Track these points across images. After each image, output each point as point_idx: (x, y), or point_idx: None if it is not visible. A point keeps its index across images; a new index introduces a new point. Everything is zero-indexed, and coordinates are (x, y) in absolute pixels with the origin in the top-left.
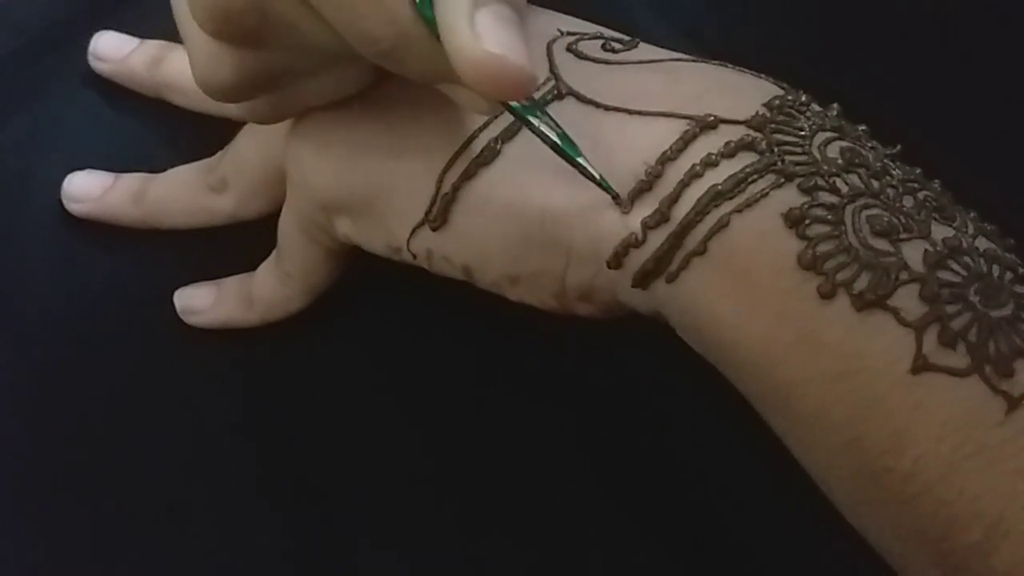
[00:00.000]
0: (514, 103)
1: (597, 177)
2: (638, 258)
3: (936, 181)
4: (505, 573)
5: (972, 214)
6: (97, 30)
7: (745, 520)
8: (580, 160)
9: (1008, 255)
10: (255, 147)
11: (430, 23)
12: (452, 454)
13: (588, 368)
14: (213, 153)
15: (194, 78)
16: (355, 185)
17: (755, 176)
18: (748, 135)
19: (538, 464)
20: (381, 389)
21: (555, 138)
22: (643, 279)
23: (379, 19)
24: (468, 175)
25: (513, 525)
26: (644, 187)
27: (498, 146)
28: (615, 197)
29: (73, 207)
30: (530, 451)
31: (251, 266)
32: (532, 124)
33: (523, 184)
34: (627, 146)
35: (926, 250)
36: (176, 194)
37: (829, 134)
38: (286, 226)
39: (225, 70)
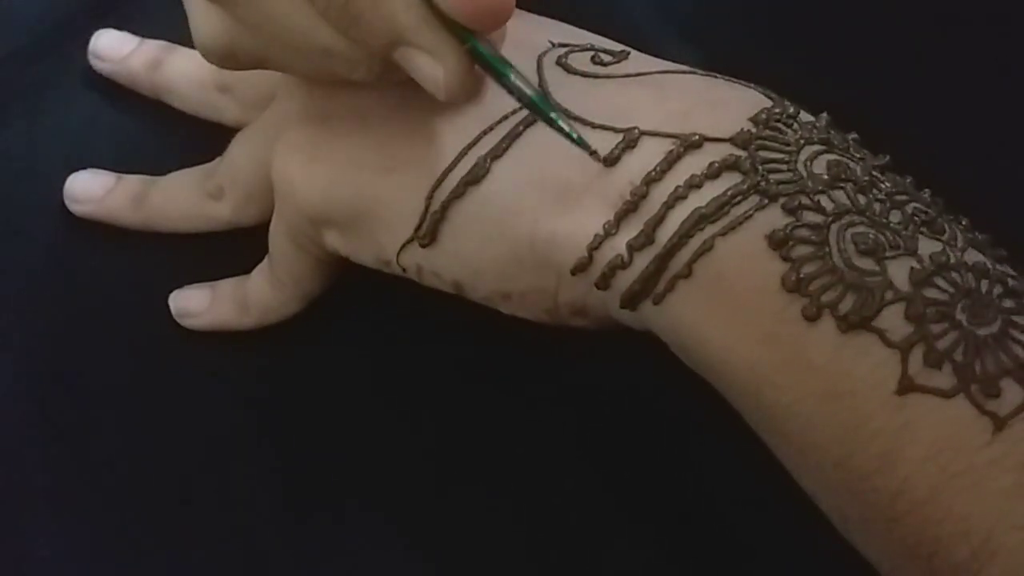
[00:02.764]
0: (487, 52)
1: (574, 136)
2: (625, 279)
3: (926, 190)
4: (505, 572)
5: (963, 222)
6: (98, 29)
7: (745, 521)
8: (553, 116)
9: (998, 267)
10: (247, 155)
11: None
12: (452, 455)
13: (588, 367)
14: (214, 153)
15: (193, 38)
16: (343, 200)
17: (739, 198)
18: (732, 154)
19: (538, 463)
20: (380, 391)
21: (530, 94)
22: (630, 300)
23: None
24: (457, 194)
25: (513, 524)
26: (630, 208)
27: (487, 164)
28: (592, 153)
29: (74, 207)
30: (530, 450)
31: (249, 269)
32: (507, 77)
33: (512, 204)
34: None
35: (912, 268)
36: (175, 200)
37: (816, 147)
38: (276, 235)
39: (217, 37)
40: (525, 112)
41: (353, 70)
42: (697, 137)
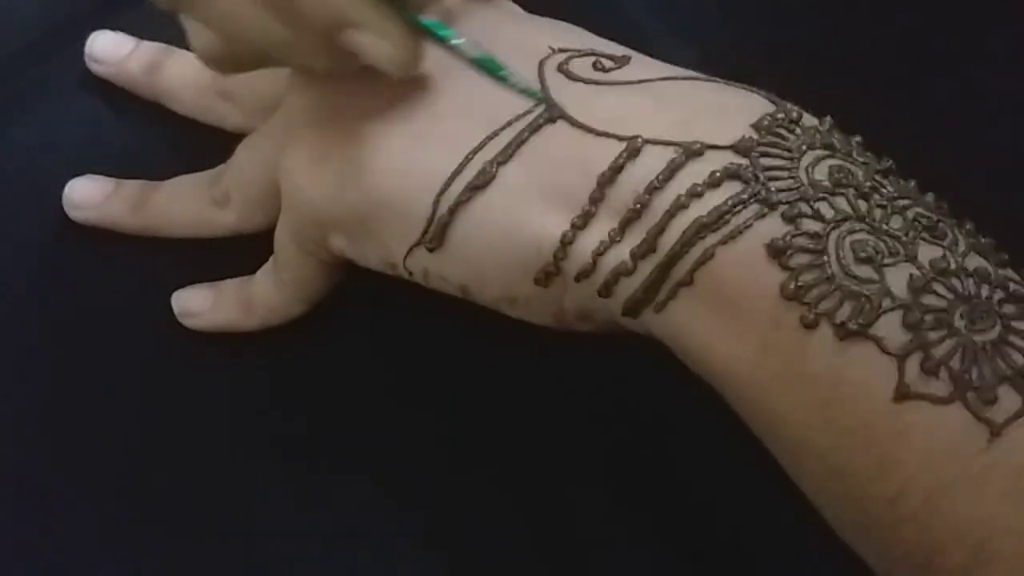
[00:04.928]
0: (423, 21)
1: (521, 86)
2: (628, 287)
3: (930, 194)
4: (508, 568)
5: (968, 226)
6: (97, 30)
7: (745, 523)
8: (503, 74)
9: (1000, 272)
10: (254, 161)
11: None
12: (457, 454)
13: (591, 368)
14: (214, 157)
15: (193, 49)
16: (350, 203)
17: (739, 207)
18: (733, 163)
19: (540, 463)
20: (384, 392)
21: (475, 55)
22: (632, 308)
23: None
24: (464, 198)
25: (516, 523)
26: (633, 216)
27: (493, 169)
28: (542, 102)
29: (74, 213)
30: (533, 450)
31: (252, 269)
32: (448, 41)
33: (518, 209)
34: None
35: (911, 275)
36: (178, 206)
37: (819, 152)
38: (281, 238)
39: (212, 43)
40: (530, 118)
41: (313, 60)
42: (699, 145)
